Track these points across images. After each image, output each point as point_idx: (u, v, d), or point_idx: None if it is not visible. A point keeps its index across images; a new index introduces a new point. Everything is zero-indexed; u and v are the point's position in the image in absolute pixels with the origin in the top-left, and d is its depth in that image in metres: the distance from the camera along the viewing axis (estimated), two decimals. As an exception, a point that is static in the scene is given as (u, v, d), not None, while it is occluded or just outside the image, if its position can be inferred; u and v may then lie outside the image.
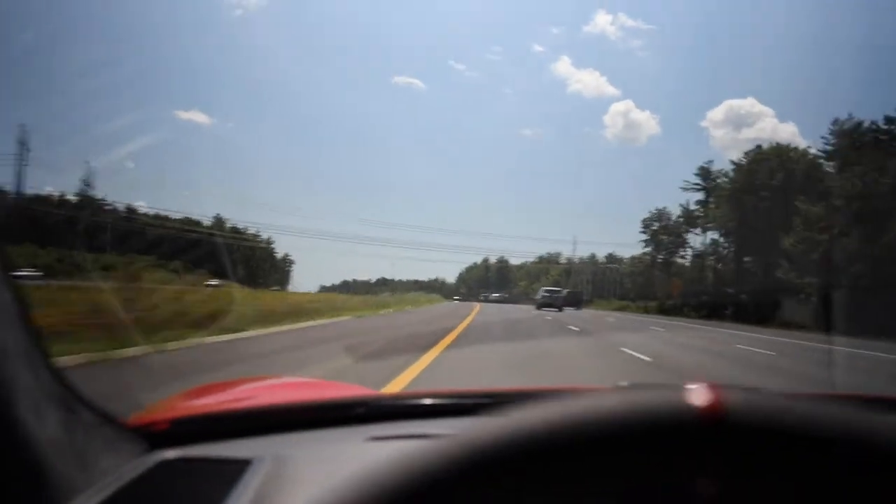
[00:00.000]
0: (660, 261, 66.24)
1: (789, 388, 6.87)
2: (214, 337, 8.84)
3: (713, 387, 0.35)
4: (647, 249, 67.65)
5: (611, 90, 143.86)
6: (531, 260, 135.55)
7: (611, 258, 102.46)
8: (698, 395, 0.34)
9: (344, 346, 8.89)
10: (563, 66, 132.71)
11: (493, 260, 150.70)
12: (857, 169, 31.94)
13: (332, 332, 12.59)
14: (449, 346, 9.61)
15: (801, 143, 50.06)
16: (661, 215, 66.87)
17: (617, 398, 0.35)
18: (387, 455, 0.35)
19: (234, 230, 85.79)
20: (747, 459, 0.33)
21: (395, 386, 5.63)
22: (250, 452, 0.69)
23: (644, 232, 67.00)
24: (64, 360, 5.08)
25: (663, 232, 65.65)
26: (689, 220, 61.72)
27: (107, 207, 61.32)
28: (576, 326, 19.69)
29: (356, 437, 0.80)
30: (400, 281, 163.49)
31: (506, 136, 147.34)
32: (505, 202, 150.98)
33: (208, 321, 9.75)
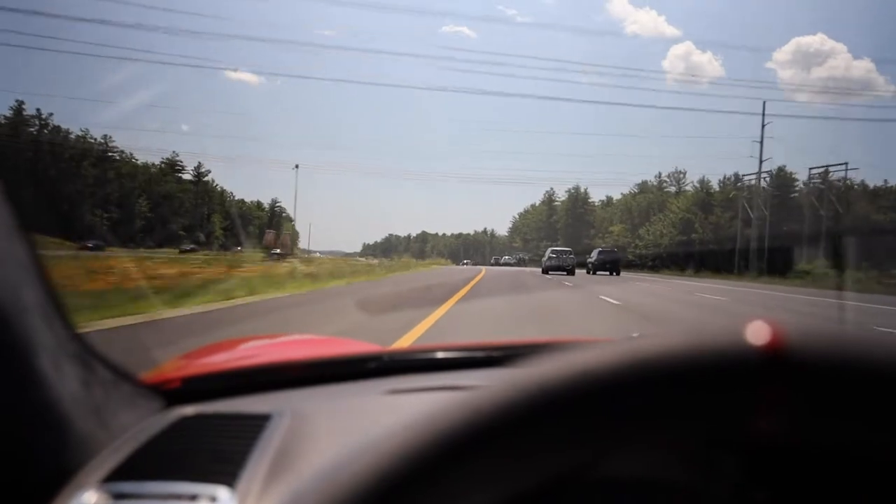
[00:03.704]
0: None
1: None
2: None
3: (772, 323, 0.33)
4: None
5: (670, 30, 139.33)
6: (626, 190, 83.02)
7: (782, 175, 58.62)
8: (757, 331, 0.32)
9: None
10: (619, 5, 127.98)
11: (561, 195, 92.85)
12: None
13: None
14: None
15: (878, 81, 38.41)
16: None
17: (673, 338, 0.33)
18: (423, 406, 0.33)
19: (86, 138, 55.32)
20: (809, 395, 0.32)
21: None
22: (268, 407, 0.69)
23: None
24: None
25: None
26: None
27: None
28: None
29: (373, 390, 0.80)
30: (443, 235, 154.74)
31: (559, 83, 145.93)
32: (562, 149, 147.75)
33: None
